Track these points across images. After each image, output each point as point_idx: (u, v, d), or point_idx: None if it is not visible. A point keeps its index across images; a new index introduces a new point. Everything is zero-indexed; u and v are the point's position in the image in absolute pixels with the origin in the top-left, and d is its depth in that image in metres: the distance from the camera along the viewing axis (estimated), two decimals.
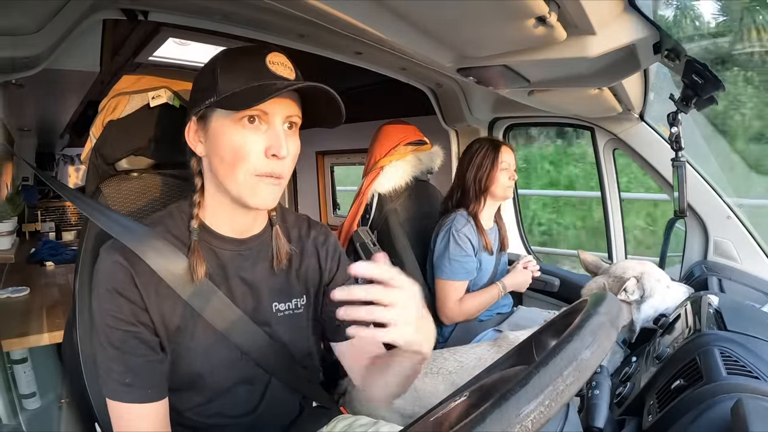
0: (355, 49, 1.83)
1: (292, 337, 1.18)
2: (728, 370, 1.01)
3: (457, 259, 2.15)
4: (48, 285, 3.13)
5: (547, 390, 0.54)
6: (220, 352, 1.09)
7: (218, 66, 1.02)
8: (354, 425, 1.25)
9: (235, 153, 0.98)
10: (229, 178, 1.00)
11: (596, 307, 0.68)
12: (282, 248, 1.15)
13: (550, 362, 0.57)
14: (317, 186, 4.23)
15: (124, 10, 1.41)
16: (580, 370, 0.57)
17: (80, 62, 2.12)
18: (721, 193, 2.05)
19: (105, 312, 0.99)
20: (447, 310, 2.18)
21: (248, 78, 0.98)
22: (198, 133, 1.05)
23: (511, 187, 2.26)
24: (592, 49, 1.14)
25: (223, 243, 1.10)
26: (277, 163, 1.00)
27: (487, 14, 1.03)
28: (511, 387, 0.55)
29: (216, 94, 0.99)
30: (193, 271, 1.03)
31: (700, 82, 1.42)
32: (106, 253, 1.02)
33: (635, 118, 2.19)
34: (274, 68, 1.00)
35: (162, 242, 1.03)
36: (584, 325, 0.63)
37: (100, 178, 1.34)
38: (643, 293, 1.68)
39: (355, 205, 2.45)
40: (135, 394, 0.98)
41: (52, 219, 5.63)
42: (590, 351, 0.59)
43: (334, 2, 1.04)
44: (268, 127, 1.00)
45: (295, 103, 1.02)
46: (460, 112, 2.66)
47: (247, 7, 1.46)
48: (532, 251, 3.03)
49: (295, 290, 1.19)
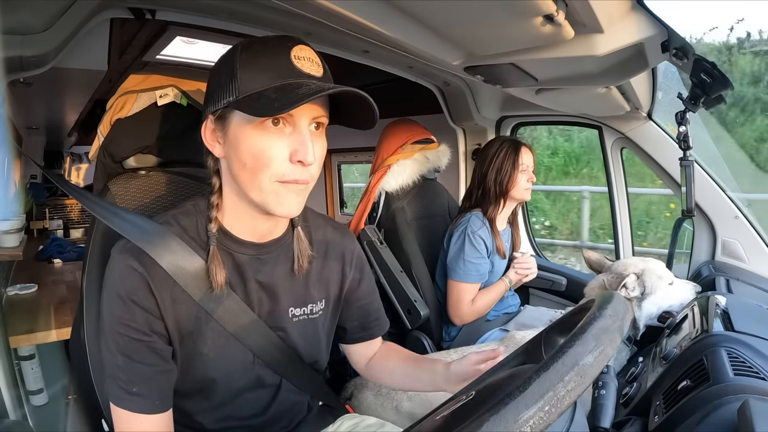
0: (362, 48, 1.83)
1: (305, 341, 1.16)
2: (735, 371, 1.01)
3: (472, 261, 2.14)
4: (55, 282, 3.15)
5: (547, 395, 0.53)
6: (234, 356, 1.06)
7: (238, 61, 0.91)
8: (360, 425, 1.25)
9: (257, 158, 0.90)
10: (252, 185, 0.93)
11: (601, 310, 0.67)
12: (304, 251, 1.10)
13: (551, 367, 0.56)
14: (324, 184, 4.23)
15: (131, 9, 1.41)
16: (581, 376, 0.56)
17: (88, 61, 2.14)
18: (729, 193, 2.04)
19: (116, 319, 0.94)
20: (460, 311, 2.17)
21: (272, 76, 0.89)
22: (216, 133, 0.97)
23: (529, 189, 2.22)
24: (599, 47, 1.14)
25: (242, 247, 1.04)
26: (303, 169, 0.92)
27: (495, 13, 1.02)
28: (510, 392, 0.54)
29: (236, 92, 0.90)
30: (213, 279, 0.98)
31: (709, 81, 1.41)
32: (118, 254, 0.97)
33: (643, 117, 2.18)
34: (299, 64, 0.90)
35: (177, 241, 0.98)
36: (587, 329, 0.62)
37: (108, 176, 1.35)
38: (644, 290, 1.68)
39: (362, 204, 2.45)
40: (141, 404, 0.95)
41: (59, 216, 5.66)
42: (593, 356, 0.58)
43: (341, 1, 1.04)
44: (293, 130, 0.91)
45: (322, 104, 0.94)
46: (467, 110, 2.66)
47: (254, 5, 1.46)
48: (539, 252, 3.03)
49: (314, 295, 1.15)
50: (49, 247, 4.04)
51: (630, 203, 2.49)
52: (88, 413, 1.40)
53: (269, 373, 1.13)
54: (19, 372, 2.32)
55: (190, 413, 1.08)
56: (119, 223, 1.02)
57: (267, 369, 1.12)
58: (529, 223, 3.03)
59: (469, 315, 2.17)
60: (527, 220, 3.01)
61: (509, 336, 1.90)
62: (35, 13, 1.14)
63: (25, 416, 1.19)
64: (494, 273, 2.25)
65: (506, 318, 2.33)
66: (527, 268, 2.26)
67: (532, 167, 2.23)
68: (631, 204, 2.46)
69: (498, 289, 2.21)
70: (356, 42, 1.68)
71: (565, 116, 2.56)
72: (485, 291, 2.21)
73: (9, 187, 4.16)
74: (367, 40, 1.59)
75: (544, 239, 7.92)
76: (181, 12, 1.51)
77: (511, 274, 2.25)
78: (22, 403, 1.20)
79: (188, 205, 1.05)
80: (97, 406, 1.26)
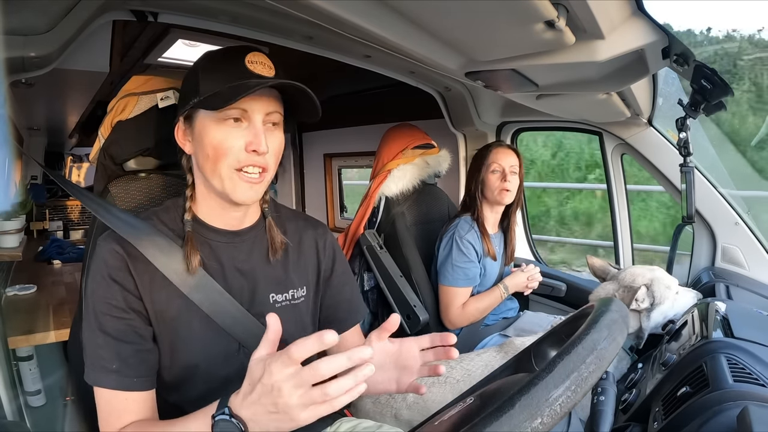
0: (363, 52, 1.83)
1: (289, 328, 1.15)
2: (735, 378, 1.01)
3: (460, 266, 2.14)
4: (55, 283, 3.14)
5: (573, 375, 0.57)
6: (217, 343, 1.09)
7: (200, 68, 1.07)
8: (358, 428, 1.25)
9: (217, 149, 1.01)
10: (214, 174, 1.03)
11: (608, 306, 0.72)
12: (276, 238, 1.17)
13: (572, 351, 0.60)
14: (325, 188, 4.23)
15: (134, 11, 1.41)
16: (600, 359, 0.60)
17: (90, 62, 2.14)
18: (729, 199, 2.04)
19: (98, 298, 1.01)
20: (451, 316, 2.17)
21: (228, 78, 1.01)
22: (186, 133, 1.09)
23: (505, 190, 2.17)
24: (600, 53, 1.14)
25: (217, 235, 1.12)
26: (258, 157, 1.02)
27: (496, 18, 1.02)
28: (538, 374, 0.58)
29: (198, 95, 1.03)
30: (188, 261, 1.05)
31: (709, 87, 1.41)
32: (103, 241, 1.05)
33: (643, 123, 2.18)
34: (252, 67, 1.03)
35: (161, 237, 1.06)
36: (599, 320, 0.67)
37: (108, 177, 1.35)
38: (654, 300, 1.67)
39: (362, 208, 2.45)
40: (121, 381, 0.99)
41: (59, 218, 5.66)
42: (607, 342, 0.63)
43: (343, 6, 1.04)
44: (248, 125, 1.02)
45: (274, 101, 1.05)
46: (468, 115, 2.66)
47: (256, 9, 1.46)
48: (539, 258, 3.03)
49: (294, 281, 1.20)
50: (48, 248, 4.03)
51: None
52: (85, 415, 1.39)
53: None
54: (17, 373, 2.32)
55: (179, 405, 1.08)
56: (112, 220, 1.08)
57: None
58: (528, 228, 3.03)
59: (459, 319, 2.17)
60: (527, 226, 3.01)
61: (509, 342, 1.89)
62: (38, 14, 1.14)
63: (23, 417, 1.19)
64: (487, 277, 2.25)
65: (505, 323, 2.32)
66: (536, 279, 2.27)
67: (510, 168, 2.20)
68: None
69: (491, 297, 2.20)
70: (358, 46, 1.68)
71: (565, 122, 2.57)
72: (478, 297, 2.20)
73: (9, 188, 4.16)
74: (368, 45, 1.60)
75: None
76: (184, 15, 1.52)
77: (507, 282, 2.23)
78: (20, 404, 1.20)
79: (168, 203, 1.16)
80: (94, 407, 1.26)
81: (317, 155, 4.15)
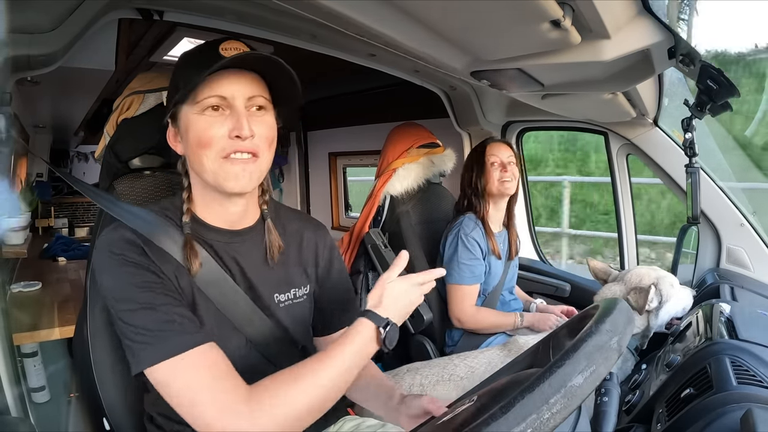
0: (368, 51, 1.83)
1: (294, 326, 1.19)
2: (739, 380, 1.00)
3: (466, 263, 2.14)
4: (60, 280, 3.16)
5: (530, 418, 0.52)
6: (229, 339, 1.07)
7: (178, 67, 1.07)
8: (361, 426, 1.25)
9: (201, 139, 1.00)
10: (203, 167, 1.01)
11: (599, 324, 0.65)
12: (274, 242, 1.16)
13: (536, 388, 0.54)
14: (330, 186, 4.23)
15: (139, 9, 1.42)
16: (569, 398, 0.55)
17: (95, 60, 2.15)
18: (734, 200, 2.04)
19: (122, 279, 0.95)
20: (460, 313, 2.16)
21: (202, 69, 0.97)
22: (175, 134, 1.08)
23: (507, 181, 2.20)
24: (606, 53, 1.14)
25: (217, 235, 1.10)
26: (243, 142, 1.00)
27: (501, 18, 1.02)
28: (493, 413, 0.53)
29: (178, 91, 1.01)
30: (188, 264, 1.02)
31: (715, 88, 1.40)
32: (113, 231, 1.01)
33: (649, 124, 2.17)
34: (226, 53, 1.00)
35: (175, 229, 1.04)
36: (580, 347, 0.60)
37: (113, 175, 1.35)
38: (661, 299, 1.67)
39: (367, 207, 2.45)
40: (181, 342, 0.91)
41: (65, 215, 5.69)
42: (582, 377, 0.56)
43: (348, 5, 1.04)
44: (231, 112, 1.01)
45: (257, 85, 1.03)
46: (473, 115, 2.66)
47: (261, 7, 1.46)
48: (543, 258, 3.02)
49: (296, 280, 1.20)
50: (53, 245, 4.05)
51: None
52: (89, 411, 1.40)
53: (262, 360, 1.13)
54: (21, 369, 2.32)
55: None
56: (122, 213, 1.05)
57: (260, 356, 1.13)
58: (533, 228, 3.02)
59: (470, 320, 2.17)
60: (531, 224, 3.01)
61: (512, 340, 1.89)
62: (43, 12, 1.15)
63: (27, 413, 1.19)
64: (492, 275, 2.24)
65: None
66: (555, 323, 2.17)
67: (508, 159, 2.22)
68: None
69: (506, 319, 2.17)
70: (362, 45, 1.68)
71: (570, 122, 2.56)
72: (495, 312, 2.20)
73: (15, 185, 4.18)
74: (373, 44, 1.59)
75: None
76: (189, 13, 1.52)
77: (528, 316, 2.18)
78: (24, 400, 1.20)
79: (166, 203, 1.13)
80: (99, 404, 1.26)
81: (322, 154, 4.15)
